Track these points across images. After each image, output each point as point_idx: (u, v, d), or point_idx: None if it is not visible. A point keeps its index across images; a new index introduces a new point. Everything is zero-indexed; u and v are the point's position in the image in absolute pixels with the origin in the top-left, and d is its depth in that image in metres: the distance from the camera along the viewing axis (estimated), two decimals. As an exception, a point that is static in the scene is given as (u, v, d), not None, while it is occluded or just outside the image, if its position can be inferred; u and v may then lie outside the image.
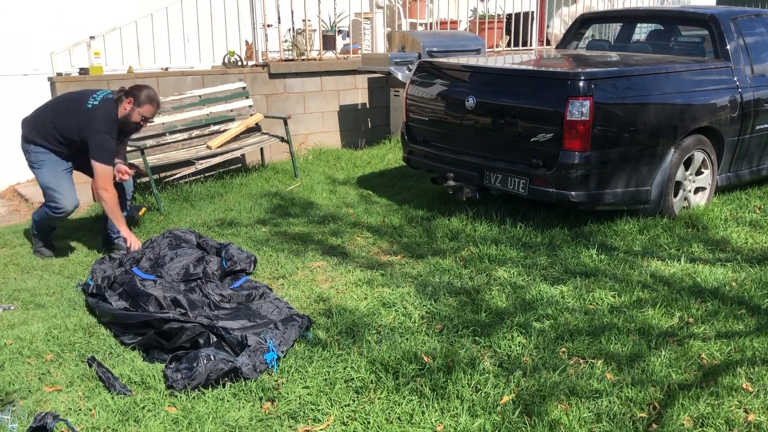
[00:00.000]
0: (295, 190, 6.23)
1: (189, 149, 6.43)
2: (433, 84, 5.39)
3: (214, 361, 2.93)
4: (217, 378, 2.91)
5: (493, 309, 3.56)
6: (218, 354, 3.01)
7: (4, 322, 3.69)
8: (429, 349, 3.13)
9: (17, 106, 7.29)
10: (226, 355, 3.04)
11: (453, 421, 2.65)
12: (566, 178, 4.44)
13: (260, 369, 2.99)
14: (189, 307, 3.50)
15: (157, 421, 2.69)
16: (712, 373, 2.91)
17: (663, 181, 4.72)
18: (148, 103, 4.42)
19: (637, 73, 4.72)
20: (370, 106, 8.26)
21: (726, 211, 5.05)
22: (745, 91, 5.13)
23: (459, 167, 5.07)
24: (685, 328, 3.32)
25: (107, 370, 3.03)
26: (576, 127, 4.35)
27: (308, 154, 7.62)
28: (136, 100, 4.40)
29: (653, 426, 2.59)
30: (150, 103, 4.43)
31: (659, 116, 4.63)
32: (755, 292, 3.66)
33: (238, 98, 6.95)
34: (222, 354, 3.04)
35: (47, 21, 7.38)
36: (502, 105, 4.78)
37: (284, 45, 7.92)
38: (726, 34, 5.25)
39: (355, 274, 4.16)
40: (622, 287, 3.76)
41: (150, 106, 4.44)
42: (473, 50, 7.63)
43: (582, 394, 2.77)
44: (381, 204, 5.70)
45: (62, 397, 2.90)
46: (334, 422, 2.68)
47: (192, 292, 3.67)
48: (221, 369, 2.92)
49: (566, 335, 3.26)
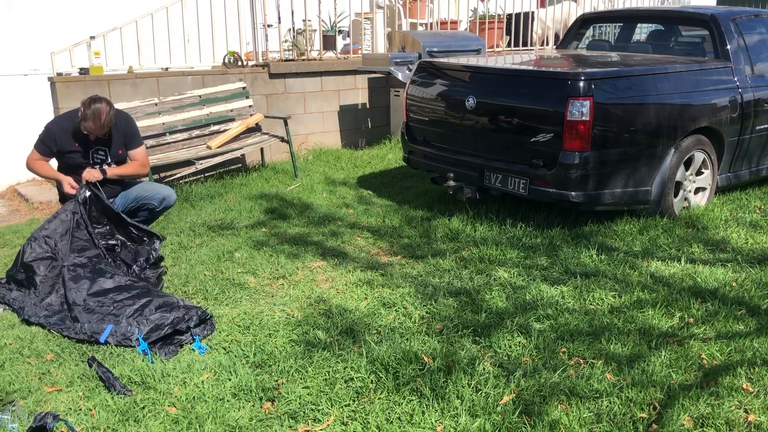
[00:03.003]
0: (295, 191, 6.23)
1: (189, 149, 6.44)
2: (434, 84, 5.39)
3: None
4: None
5: (493, 309, 3.56)
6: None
7: (4, 322, 3.69)
8: (429, 350, 3.13)
9: (17, 106, 7.32)
10: None
11: (453, 421, 2.65)
12: (566, 178, 4.43)
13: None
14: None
15: (157, 421, 2.69)
16: (712, 373, 2.91)
17: (663, 182, 4.72)
18: (84, 122, 4.26)
19: (637, 74, 4.72)
20: (370, 106, 8.26)
21: (726, 211, 5.05)
22: (745, 92, 5.13)
23: (459, 167, 5.06)
24: (686, 328, 3.32)
25: (107, 370, 3.03)
26: (576, 127, 4.35)
27: (308, 154, 7.62)
28: (82, 115, 4.28)
29: (653, 426, 2.59)
30: (85, 121, 4.26)
31: (659, 116, 4.62)
32: (755, 293, 3.66)
33: (238, 98, 6.95)
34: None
35: (47, 21, 7.38)
36: (503, 105, 4.78)
37: (284, 45, 7.92)
38: (726, 34, 5.25)
39: (355, 274, 4.16)
40: (622, 287, 3.76)
41: (87, 124, 4.27)
42: (473, 50, 7.63)
43: (582, 394, 2.77)
44: (381, 204, 5.70)
45: (62, 397, 2.91)
46: (334, 422, 2.68)
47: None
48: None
49: (566, 335, 3.26)
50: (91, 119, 4.25)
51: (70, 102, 6.29)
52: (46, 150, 4.45)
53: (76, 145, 4.41)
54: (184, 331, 3.37)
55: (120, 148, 4.57)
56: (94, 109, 4.25)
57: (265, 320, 3.54)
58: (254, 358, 3.16)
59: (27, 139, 7.24)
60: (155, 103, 6.38)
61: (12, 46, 7.29)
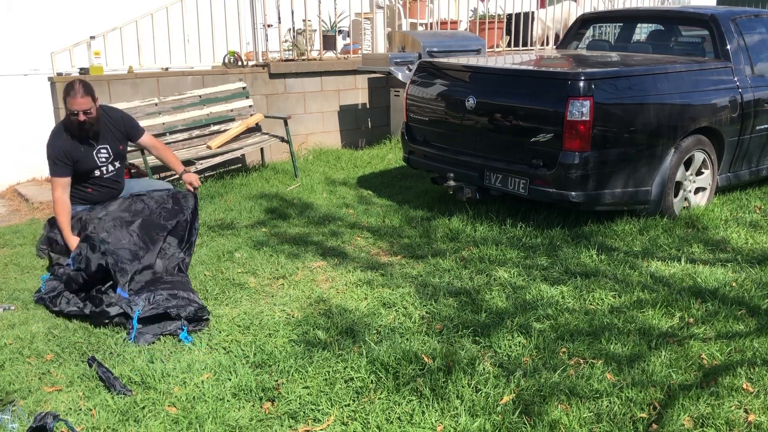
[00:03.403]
0: (295, 191, 6.23)
1: (189, 149, 6.43)
2: (434, 84, 5.39)
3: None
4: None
5: (493, 309, 3.56)
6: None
7: (4, 322, 3.69)
8: (429, 350, 3.13)
9: (17, 106, 7.31)
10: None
11: (453, 421, 2.65)
12: (566, 178, 4.43)
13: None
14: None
15: (157, 421, 2.69)
16: (713, 373, 2.91)
17: (663, 182, 4.72)
18: (66, 97, 4.28)
19: (637, 74, 4.72)
20: (370, 106, 8.26)
21: (726, 211, 5.05)
22: (745, 92, 5.13)
23: (459, 167, 5.06)
24: (686, 328, 3.32)
25: (107, 369, 3.03)
26: (576, 127, 4.35)
27: (308, 154, 7.62)
28: (64, 101, 4.31)
29: (653, 426, 2.59)
30: (68, 96, 4.27)
31: (659, 116, 4.62)
32: (755, 293, 3.66)
33: (238, 98, 6.94)
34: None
35: (47, 21, 7.37)
36: (503, 105, 4.78)
37: (284, 45, 7.92)
38: (726, 34, 5.25)
39: (355, 274, 4.16)
40: (622, 288, 3.76)
41: (70, 99, 4.26)
42: (473, 50, 7.63)
43: (582, 394, 2.77)
44: (381, 204, 5.70)
45: (62, 397, 2.91)
46: (334, 422, 2.68)
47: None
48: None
49: (566, 335, 3.26)
50: (72, 94, 4.22)
51: (70, 102, 6.29)
52: (66, 169, 4.34)
53: (83, 150, 4.41)
54: (173, 317, 3.46)
55: (120, 144, 4.57)
56: (66, 86, 4.26)
57: (265, 320, 3.54)
58: (254, 358, 3.16)
59: (27, 139, 7.31)
60: (155, 103, 6.38)
61: (12, 46, 7.29)
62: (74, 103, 4.25)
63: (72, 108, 4.26)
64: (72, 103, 4.25)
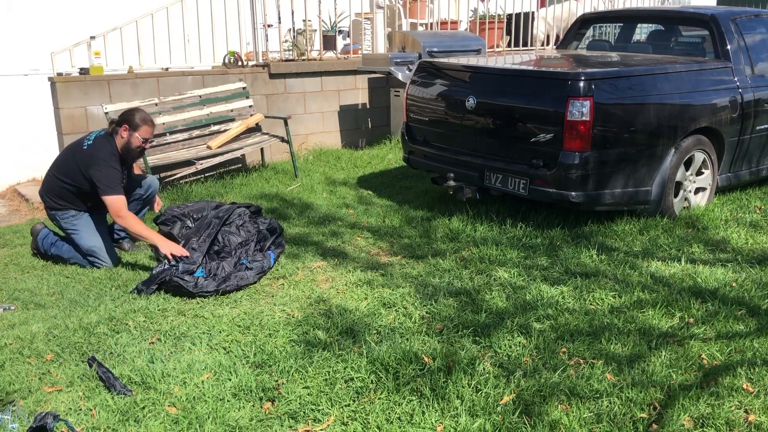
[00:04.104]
0: (295, 191, 6.23)
1: (189, 149, 6.44)
2: (434, 84, 5.39)
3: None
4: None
5: (493, 309, 3.56)
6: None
7: (5, 322, 3.69)
8: (429, 350, 3.13)
9: (17, 106, 7.32)
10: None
11: (453, 421, 2.65)
12: (566, 178, 4.44)
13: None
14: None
15: (157, 421, 2.69)
16: (713, 373, 2.91)
17: (663, 182, 4.72)
18: (143, 125, 4.48)
19: (637, 74, 4.72)
20: (370, 106, 8.26)
21: (726, 211, 5.05)
22: (746, 92, 5.13)
23: (459, 167, 5.07)
24: (686, 328, 3.32)
25: (107, 370, 3.03)
26: (576, 128, 4.35)
27: (308, 154, 7.62)
28: (131, 126, 4.44)
29: (653, 426, 2.59)
30: (145, 124, 4.50)
31: (659, 116, 4.62)
32: (755, 293, 3.66)
33: (238, 98, 6.95)
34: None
35: (47, 21, 7.38)
36: (503, 105, 4.78)
37: (284, 45, 7.92)
38: (726, 34, 5.25)
39: (355, 274, 4.16)
40: (623, 288, 3.76)
41: (146, 127, 4.51)
42: (473, 50, 7.64)
43: (582, 394, 2.77)
44: (381, 204, 5.70)
45: (62, 397, 2.91)
46: (334, 422, 2.68)
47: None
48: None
49: (566, 336, 3.26)
50: (150, 121, 4.55)
51: (70, 102, 6.29)
52: (122, 188, 4.48)
53: (124, 171, 4.60)
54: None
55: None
56: (141, 115, 4.51)
57: (265, 320, 3.54)
58: (254, 358, 3.16)
59: (27, 139, 7.32)
60: (155, 103, 6.38)
61: (12, 46, 7.29)
62: (149, 132, 4.53)
63: (146, 136, 4.52)
64: (147, 131, 4.51)
